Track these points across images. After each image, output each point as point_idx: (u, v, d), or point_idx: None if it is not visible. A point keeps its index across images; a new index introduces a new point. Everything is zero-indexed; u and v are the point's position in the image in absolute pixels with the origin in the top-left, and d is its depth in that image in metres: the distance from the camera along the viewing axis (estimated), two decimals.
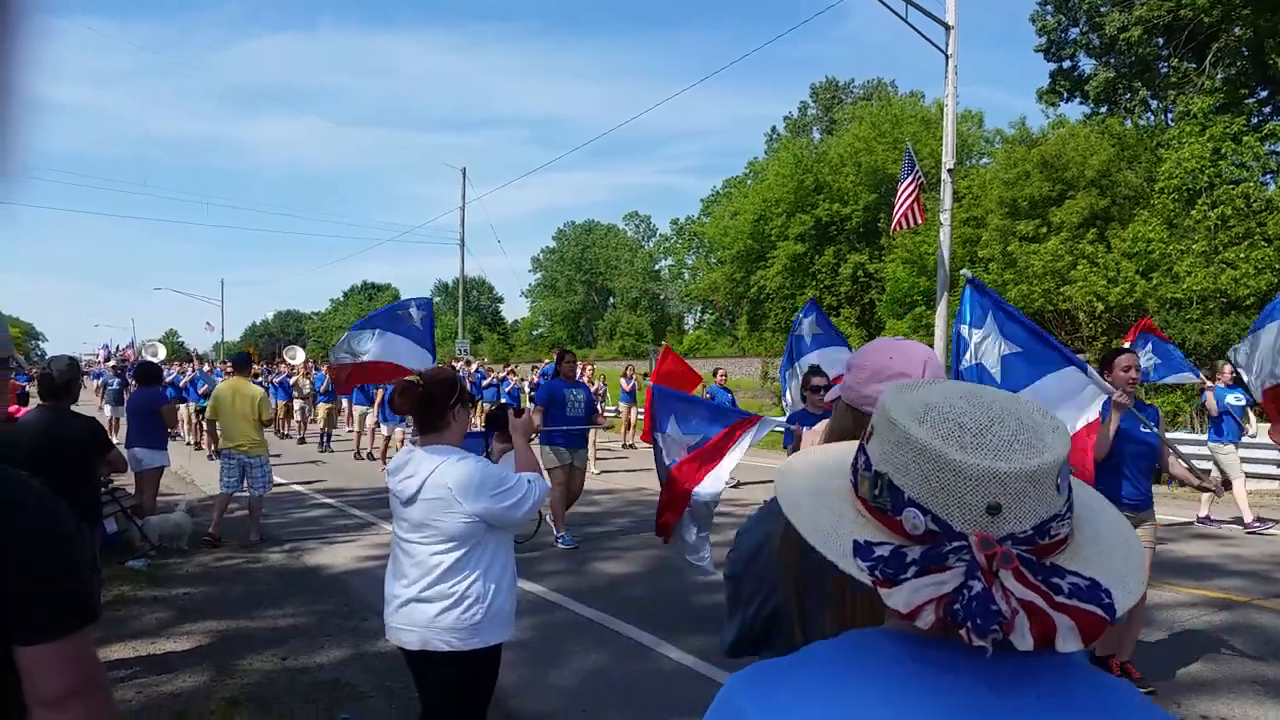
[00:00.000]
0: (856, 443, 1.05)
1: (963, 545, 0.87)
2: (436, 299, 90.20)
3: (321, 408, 20.95)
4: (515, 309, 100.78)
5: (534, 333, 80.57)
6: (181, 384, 21.13)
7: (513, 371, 25.10)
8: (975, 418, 0.92)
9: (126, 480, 9.72)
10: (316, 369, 23.62)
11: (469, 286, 48.39)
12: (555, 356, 10.57)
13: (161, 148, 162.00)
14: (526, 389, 21.95)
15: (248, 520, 9.94)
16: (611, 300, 78.17)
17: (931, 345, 18.43)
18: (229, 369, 13.08)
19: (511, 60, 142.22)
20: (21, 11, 0.90)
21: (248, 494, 9.79)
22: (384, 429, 16.61)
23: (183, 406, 20.55)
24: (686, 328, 69.35)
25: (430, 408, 3.35)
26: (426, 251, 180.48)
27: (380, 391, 15.64)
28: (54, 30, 0.92)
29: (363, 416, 18.57)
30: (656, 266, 77.16)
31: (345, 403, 21.97)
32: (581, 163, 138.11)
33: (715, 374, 16.61)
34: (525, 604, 7.24)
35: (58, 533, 1.59)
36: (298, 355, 28.18)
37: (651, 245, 79.43)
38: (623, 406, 21.19)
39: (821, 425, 1.87)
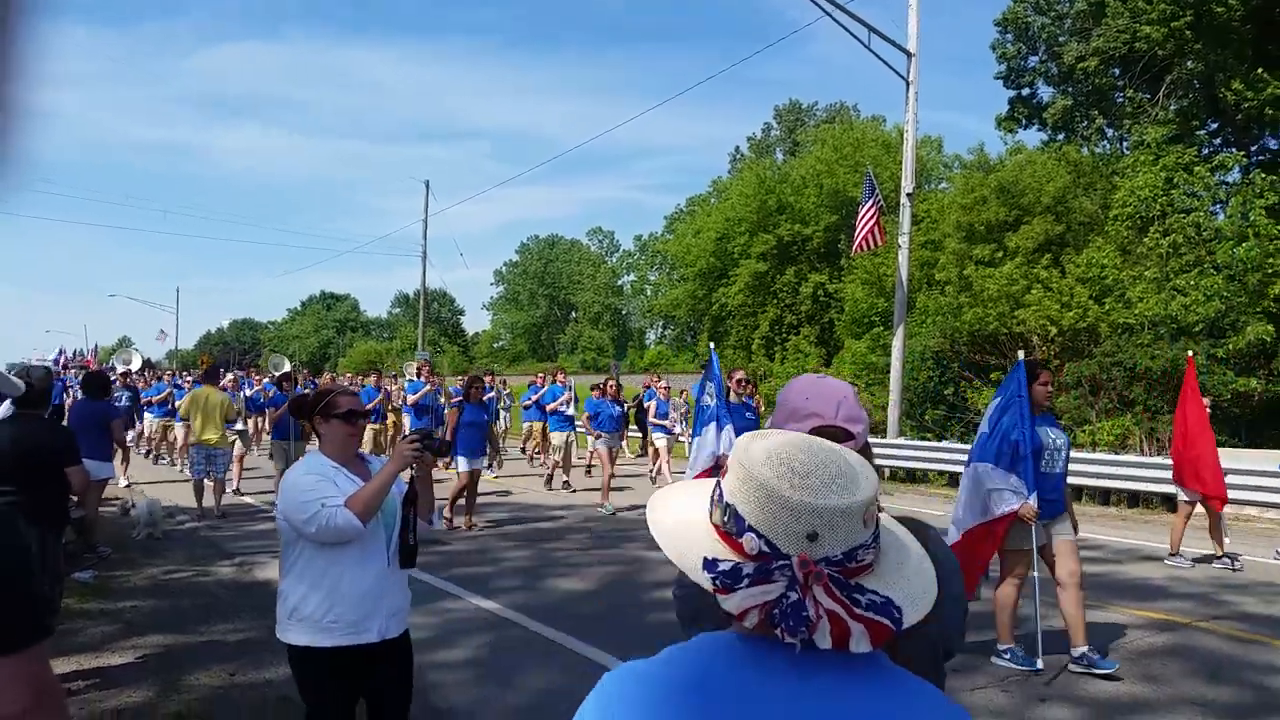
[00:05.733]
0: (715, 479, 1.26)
1: (786, 564, 1.09)
2: (396, 310, 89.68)
3: (368, 430, 16.94)
4: (477, 321, 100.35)
5: (495, 345, 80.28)
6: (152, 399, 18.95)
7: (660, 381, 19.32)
8: (804, 463, 1.15)
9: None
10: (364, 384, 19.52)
11: (430, 298, 48.16)
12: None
13: (121, 153, 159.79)
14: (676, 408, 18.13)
15: (214, 495, 12.13)
16: (573, 314, 78.17)
17: (889, 364, 18.67)
18: (201, 378, 14.51)
19: (478, 74, 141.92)
20: (21, 17, 0.91)
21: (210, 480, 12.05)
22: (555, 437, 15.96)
23: (146, 421, 19.20)
24: (648, 343, 69.50)
25: (297, 417, 3.73)
26: (388, 263, 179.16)
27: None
28: (50, 36, 0.93)
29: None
30: (619, 282, 77.28)
31: (393, 419, 18.56)
32: (546, 177, 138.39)
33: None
34: (480, 621, 7.23)
35: (8, 545, 1.58)
36: (284, 365, 21.92)
37: (615, 261, 79.56)
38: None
39: None
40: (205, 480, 12.09)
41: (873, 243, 17.44)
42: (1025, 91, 27.64)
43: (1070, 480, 15.15)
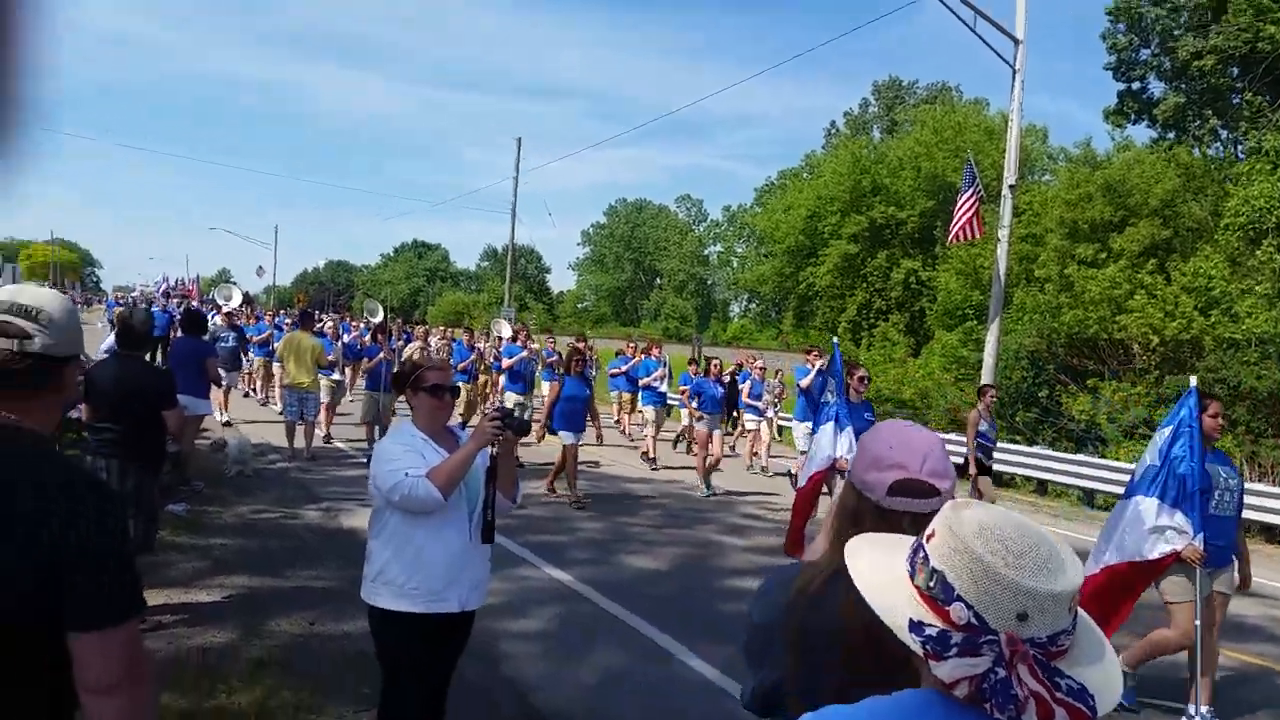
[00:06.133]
0: (913, 538, 1.32)
1: (994, 640, 1.13)
2: (484, 264, 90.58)
3: (463, 390, 15.09)
4: (562, 280, 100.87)
5: (579, 306, 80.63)
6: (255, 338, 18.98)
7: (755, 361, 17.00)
8: (1019, 542, 1.18)
9: None
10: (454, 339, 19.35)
11: (518, 254, 48.50)
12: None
13: (223, 88, 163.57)
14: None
15: (305, 438, 12.58)
16: (658, 281, 78.03)
17: (981, 362, 18.24)
18: (297, 320, 15.49)
19: (580, 32, 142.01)
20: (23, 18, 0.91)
21: (301, 422, 12.50)
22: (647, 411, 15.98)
23: (252, 360, 19.23)
24: (732, 315, 69.16)
25: (397, 388, 3.95)
26: (478, 216, 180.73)
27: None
28: None
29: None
30: (705, 251, 76.91)
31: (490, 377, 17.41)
32: (637, 140, 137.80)
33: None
34: (551, 592, 7.32)
35: (114, 528, 1.68)
36: (378, 312, 20.59)
37: (702, 230, 79.13)
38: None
39: None
40: (297, 423, 12.55)
41: (970, 234, 16.98)
42: (1135, 85, 26.55)
43: None
